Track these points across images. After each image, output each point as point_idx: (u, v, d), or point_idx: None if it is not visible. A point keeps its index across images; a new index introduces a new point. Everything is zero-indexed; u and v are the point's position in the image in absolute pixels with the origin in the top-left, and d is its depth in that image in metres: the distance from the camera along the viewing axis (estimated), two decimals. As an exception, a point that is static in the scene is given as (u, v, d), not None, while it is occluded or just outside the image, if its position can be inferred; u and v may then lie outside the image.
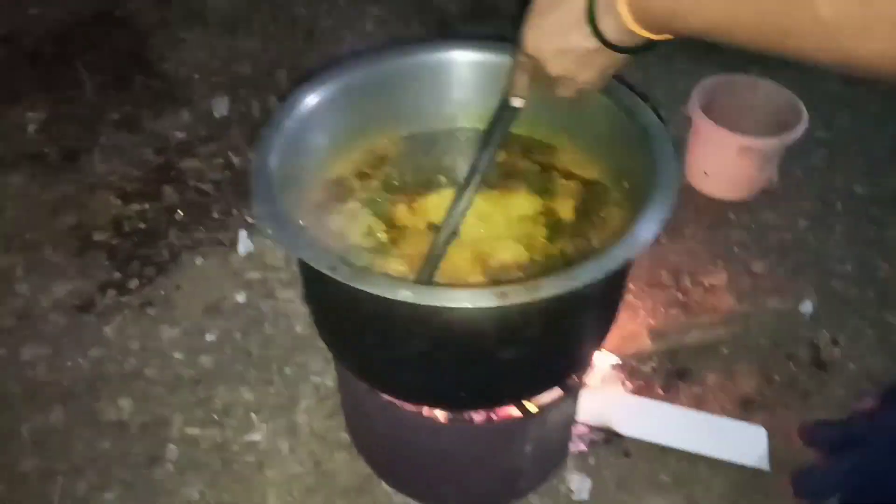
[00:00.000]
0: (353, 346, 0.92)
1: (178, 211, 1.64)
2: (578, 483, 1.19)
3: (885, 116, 1.87)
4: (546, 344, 0.85)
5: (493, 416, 0.98)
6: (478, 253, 0.94)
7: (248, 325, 1.40)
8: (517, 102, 0.89)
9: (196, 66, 2.08)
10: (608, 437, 1.24)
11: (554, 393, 0.97)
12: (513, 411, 0.98)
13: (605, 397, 1.27)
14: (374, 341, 0.85)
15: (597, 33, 0.70)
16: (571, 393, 1.02)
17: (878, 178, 1.73)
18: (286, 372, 1.33)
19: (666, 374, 1.35)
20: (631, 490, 1.19)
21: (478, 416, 0.98)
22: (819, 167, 1.76)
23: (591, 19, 0.69)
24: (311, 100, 0.97)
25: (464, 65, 1.10)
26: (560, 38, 0.74)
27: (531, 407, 0.97)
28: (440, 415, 0.98)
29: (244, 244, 1.53)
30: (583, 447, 1.23)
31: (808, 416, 1.26)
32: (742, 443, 1.23)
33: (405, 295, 0.72)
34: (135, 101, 1.97)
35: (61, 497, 1.15)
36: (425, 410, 0.98)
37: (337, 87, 1.02)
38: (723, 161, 1.59)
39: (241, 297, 1.44)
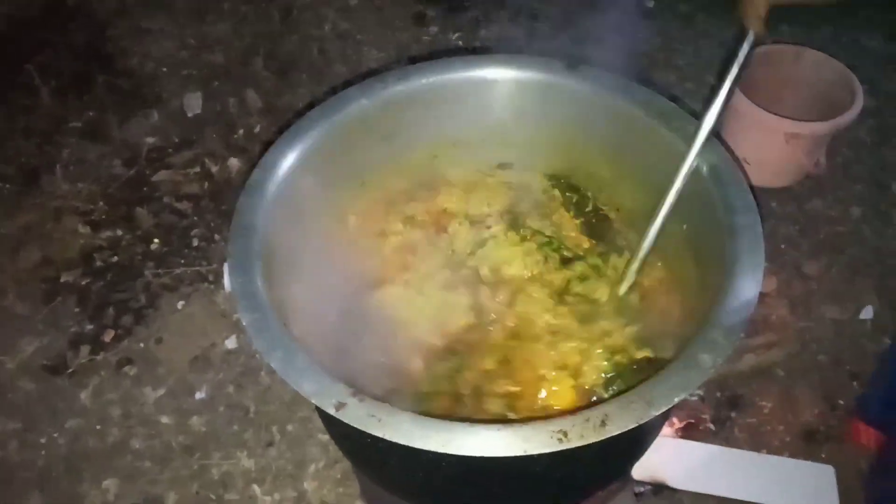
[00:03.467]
0: (376, 469, 0.77)
1: (154, 239, 1.45)
2: (628, 546, 1.05)
3: (936, 77, 1.67)
4: (606, 458, 0.69)
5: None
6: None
7: (242, 376, 1.24)
8: (755, 34, 0.72)
9: (163, 58, 1.86)
10: (659, 489, 1.10)
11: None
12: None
13: (653, 445, 1.12)
14: (399, 471, 0.70)
15: None
16: (627, 485, 0.87)
17: (935, 151, 1.55)
18: (289, 430, 1.18)
19: (717, 405, 1.20)
20: (687, 551, 1.06)
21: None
22: (868, 142, 1.57)
23: None
24: (290, 159, 0.80)
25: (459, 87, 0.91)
26: None
27: None
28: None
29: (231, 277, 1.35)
30: (631, 500, 1.09)
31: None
32: (808, 486, 1.09)
33: (438, 444, 0.57)
34: (98, 105, 1.76)
35: None
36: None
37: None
38: (767, 148, 1.40)
39: (231, 343, 1.27)
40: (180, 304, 1.33)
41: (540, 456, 0.60)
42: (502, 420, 0.74)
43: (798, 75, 1.45)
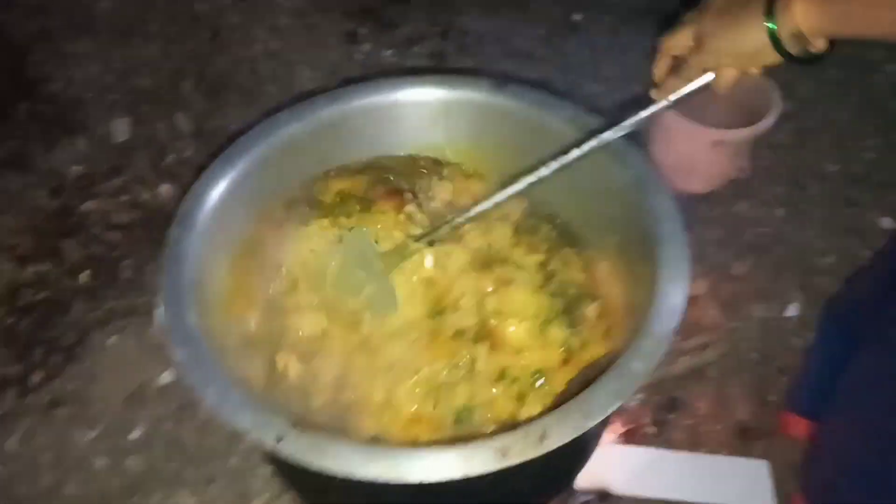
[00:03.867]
0: (315, 498, 0.76)
1: (84, 272, 1.41)
2: (575, 556, 1.07)
3: (846, 82, 1.75)
4: (550, 468, 0.71)
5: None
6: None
7: (180, 411, 1.21)
8: (661, 99, 0.76)
9: (88, 83, 1.80)
10: (604, 496, 1.12)
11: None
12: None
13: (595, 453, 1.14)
14: (346, 500, 0.69)
15: (773, 36, 0.65)
16: (570, 495, 0.89)
17: (849, 152, 1.62)
18: (230, 464, 1.15)
19: (656, 408, 1.23)
20: (632, 556, 1.08)
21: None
22: (787, 145, 1.64)
23: (770, 16, 0.65)
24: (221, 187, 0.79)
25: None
26: (736, 34, 0.68)
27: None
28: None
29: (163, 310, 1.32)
30: (575, 512, 1.11)
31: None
32: (745, 483, 1.13)
33: (379, 472, 0.57)
34: (21, 134, 1.69)
35: None
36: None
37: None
38: (694, 156, 1.44)
39: (166, 378, 1.24)
40: (112, 340, 1.29)
41: (483, 475, 0.61)
42: (443, 442, 0.74)
43: (718, 84, 1.50)
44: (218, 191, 0.81)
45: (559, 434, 0.59)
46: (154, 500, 1.11)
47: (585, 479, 1.11)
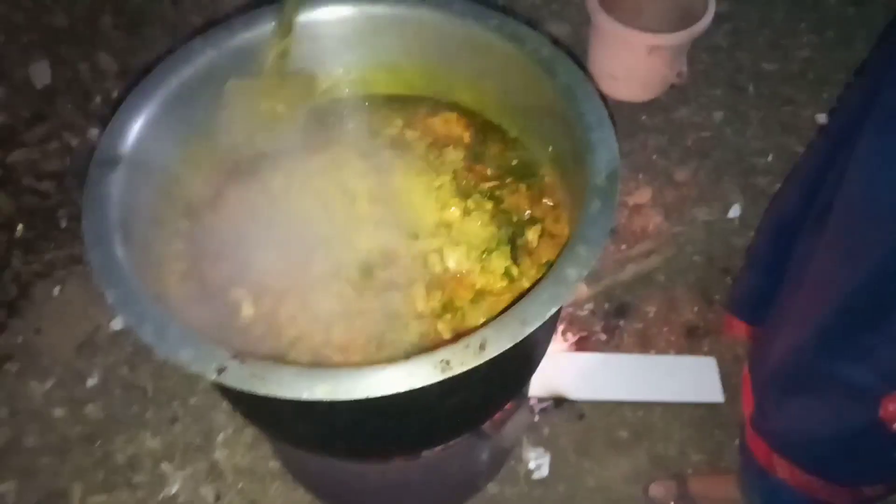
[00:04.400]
0: (277, 427, 0.77)
1: (18, 225, 1.35)
2: (537, 459, 1.11)
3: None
4: (497, 378, 0.72)
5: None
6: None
7: (134, 356, 1.20)
8: None
9: (-2, 25, 1.69)
10: (559, 402, 1.17)
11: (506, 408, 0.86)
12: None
13: (548, 362, 1.17)
14: (298, 425, 0.70)
15: None
16: (523, 402, 0.92)
17: (784, 51, 1.64)
18: (191, 403, 1.16)
19: (605, 315, 1.26)
20: (591, 455, 1.13)
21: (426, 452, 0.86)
22: (724, 47, 1.64)
23: None
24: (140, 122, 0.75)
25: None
26: None
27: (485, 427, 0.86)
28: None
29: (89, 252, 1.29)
30: (534, 418, 1.15)
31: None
32: (694, 379, 1.19)
33: (325, 392, 0.57)
34: (-71, 85, 1.59)
35: None
36: (363, 457, 0.85)
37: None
38: (632, 63, 1.44)
39: (117, 324, 1.22)
40: (56, 291, 1.26)
41: (429, 388, 0.62)
42: (386, 360, 0.75)
43: (653, -12, 1.48)
44: (137, 125, 0.77)
45: (498, 342, 0.59)
46: (117, 445, 1.11)
47: (539, 386, 1.15)
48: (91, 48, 1.64)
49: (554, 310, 0.62)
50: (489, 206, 0.84)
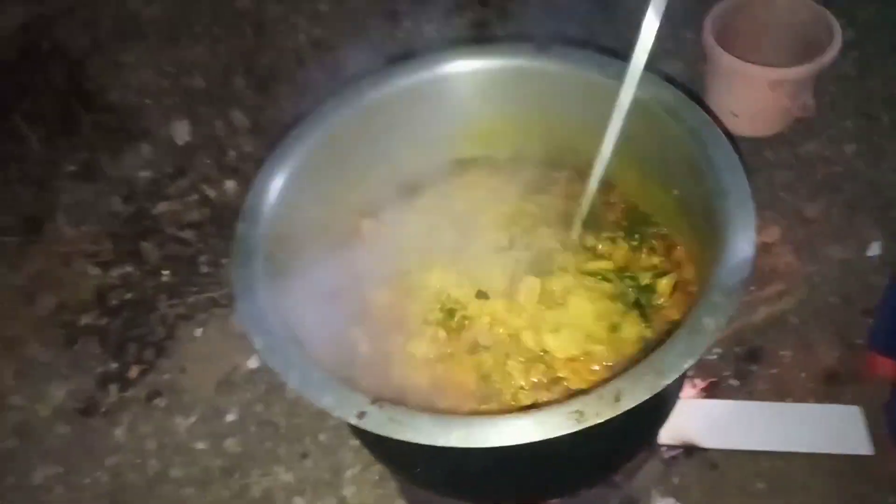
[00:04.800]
0: (408, 469, 0.79)
1: (164, 271, 1.47)
2: (665, 509, 1.07)
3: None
4: (628, 430, 0.71)
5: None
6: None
7: (268, 394, 1.26)
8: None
9: (144, 89, 1.86)
10: (690, 451, 1.12)
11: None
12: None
13: (678, 408, 1.14)
14: (429, 468, 0.71)
15: None
16: (654, 452, 0.89)
17: (920, 76, 1.55)
18: (321, 440, 1.20)
19: (736, 360, 1.21)
20: (724, 506, 1.08)
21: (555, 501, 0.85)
22: (853, 76, 1.57)
23: None
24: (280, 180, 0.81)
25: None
26: None
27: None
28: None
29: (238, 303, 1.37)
30: (665, 468, 1.11)
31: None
32: (837, 429, 1.11)
33: (458, 439, 0.58)
34: (88, 145, 1.77)
35: None
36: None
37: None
38: (753, 98, 1.40)
39: (252, 363, 1.30)
40: (198, 332, 1.35)
41: (560, 438, 0.63)
42: (519, 408, 0.76)
43: (773, 20, 1.44)
44: (278, 183, 0.83)
45: (633, 394, 0.59)
46: (253, 478, 1.17)
47: (669, 434, 1.11)
48: (225, 107, 1.78)
49: (691, 362, 0.62)
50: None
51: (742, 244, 0.68)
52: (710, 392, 1.17)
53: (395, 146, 0.93)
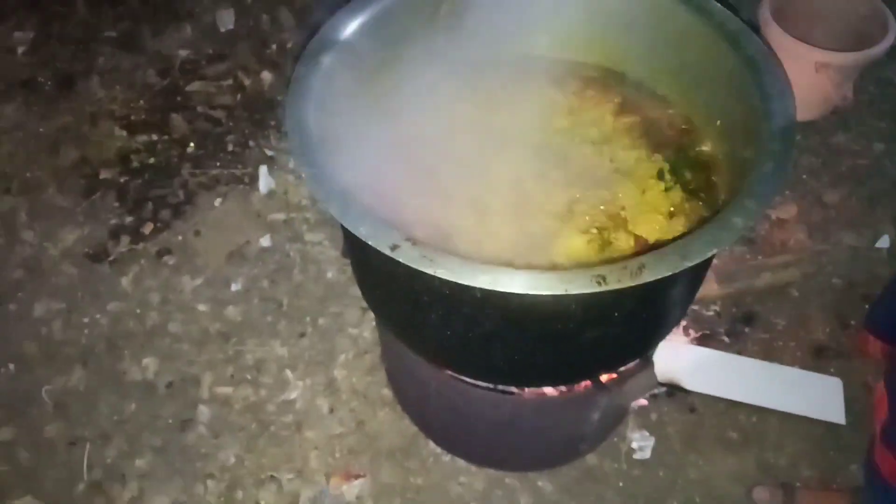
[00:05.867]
0: (412, 323, 0.81)
1: (190, 143, 1.49)
2: (640, 441, 1.11)
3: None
4: (636, 321, 0.74)
5: (566, 389, 0.88)
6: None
7: (276, 272, 1.29)
8: None
9: (196, -28, 1.86)
10: (672, 391, 1.15)
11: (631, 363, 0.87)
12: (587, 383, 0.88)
13: (668, 349, 1.17)
14: (439, 321, 0.74)
15: None
16: (648, 361, 0.92)
17: (962, 93, 1.56)
18: (320, 323, 1.23)
19: (732, 319, 1.24)
20: (697, 448, 1.11)
21: (550, 390, 0.88)
22: (895, 81, 1.58)
23: None
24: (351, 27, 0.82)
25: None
26: None
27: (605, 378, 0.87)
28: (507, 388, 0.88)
29: (265, 181, 1.39)
30: (644, 402, 1.14)
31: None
32: (816, 395, 1.14)
33: (485, 281, 0.61)
34: (132, 17, 1.77)
35: (90, 464, 1.08)
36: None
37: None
38: (797, 77, 1.38)
39: (265, 241, 1.32)
40: (217, 202, 1.37)
41: (577, 303, 0.65)
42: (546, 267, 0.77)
43: (830, 8, 1.45)
44: (348, 30, 0.84)
45: (656, 269, 0.61)
46: (249, 346, 1.20)
47: (658, 372, 1.13)
48: (274, 3, 1.78)
49: (714, 251, 0.64)
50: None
51: (779, 160, 0.70)
52: (702, 343, 1.20)
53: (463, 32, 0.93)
